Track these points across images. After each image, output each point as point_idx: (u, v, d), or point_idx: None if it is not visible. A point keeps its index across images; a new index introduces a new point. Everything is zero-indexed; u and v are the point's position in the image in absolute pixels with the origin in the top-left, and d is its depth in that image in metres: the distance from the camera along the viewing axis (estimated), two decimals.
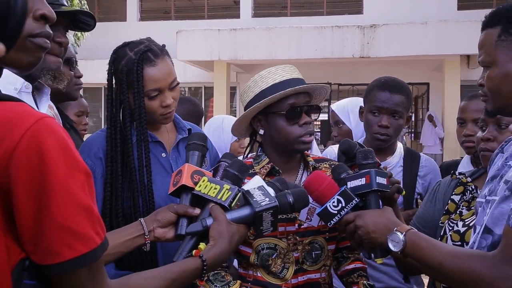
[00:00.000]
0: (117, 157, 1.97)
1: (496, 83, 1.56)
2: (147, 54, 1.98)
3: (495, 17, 1.59)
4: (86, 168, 1.01)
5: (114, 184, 1.96)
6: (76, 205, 0.97)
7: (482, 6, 14.63)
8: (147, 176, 1.98)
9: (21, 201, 0.93)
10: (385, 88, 2.57)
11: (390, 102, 2.55)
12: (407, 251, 1.60)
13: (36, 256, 0.96)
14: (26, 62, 1.11)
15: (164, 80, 1.99)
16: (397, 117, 2.57)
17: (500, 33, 1.55)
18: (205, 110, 17.25)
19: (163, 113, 2.02)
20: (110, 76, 2.04)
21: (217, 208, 1.54)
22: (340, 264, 2.13)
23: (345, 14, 16.21)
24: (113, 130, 2.00)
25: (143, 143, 1.99)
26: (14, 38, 1.00)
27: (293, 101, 1.99)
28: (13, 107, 0.98)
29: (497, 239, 1.47)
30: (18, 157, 0.92)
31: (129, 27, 16.67)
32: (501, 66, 1.55)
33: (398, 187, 1.97)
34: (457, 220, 1.99)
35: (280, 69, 2.05)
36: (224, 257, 1.49)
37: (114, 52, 2.04)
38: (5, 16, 0.96)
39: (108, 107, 2.04)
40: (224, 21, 16.34)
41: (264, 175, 2.01)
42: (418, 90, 16.74)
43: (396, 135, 2.64)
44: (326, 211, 1.75)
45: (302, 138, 2.00)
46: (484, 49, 1.60)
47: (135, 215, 1.94)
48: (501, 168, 1.62)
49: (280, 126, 2.00)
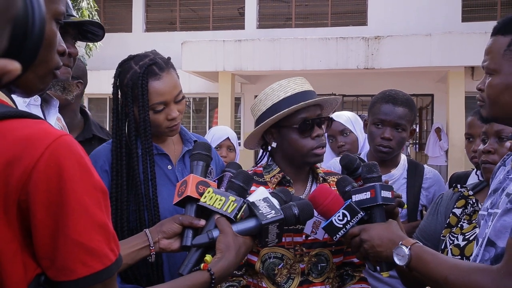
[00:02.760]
0: (123, 170, 1.97)
1: (497, 92, 1.55)
2: (152, 67, 1.97)
3: (508, 26, 1.56)
4: (103, 186, 1.03)
5: (120, 197, 1.95)
6: (92, 222, 0.98)
7: (486, 18, 14.67)
8: (153, 190, 1.97)
9: (39, 219, 0.94)
10: (388, 100, 2.58)
11: (393, 114, 2.55)
12: (412, 265, 1.60)
13: (52, 272, 0.97)
14: (39, 89, 1.15)
15: (169, 93, 1.99)
16: (400, 130, 2.57)
17: (510, 42, 1.53)
18: (209, 120, 17.29)
19: (169, 126, 2.01)
20: (115, 89, 2.05)
21: (223, 220, 1.55)
22: (345, 282, 2.11)
23: (349, 26, 16.24)
24: (118, 143, 2.00)
25: (148, 157, 1.99)
26: (30, 60, 1.01)
27: (305, 115, 2.00)
28: (32, 125, 0.99)
29: (500, 252, 1.48)
30: (37, 175, 0.93)
31: (134, 38, 16.76)
32: (505, 76, 1.53)
33: (399, 201, 1.97)
34: (457, 233, 1.99)
35: (291, 82, 2.05)
36: (231, 269, 1.50)
37: (119, 65, 2.05)
38: (23, 38, 0.98)
39: (114, 120, 2.04)
40: (229, 32, 16.40)
41: (274, 184, 2.03)
42: (423, 102, 16.73)
43: (399, 148, 2.64)
44: (331, 225, 1.76)
45: (314, 150, 2.00)
46: (490, 55, 1.58)
47: (141, 228, 1.92)
48: (503, 181, 1.62)
49: (293, 139, 2.01)
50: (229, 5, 17.74)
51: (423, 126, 17.65)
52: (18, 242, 0.95)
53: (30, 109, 1.97)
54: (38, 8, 0.99)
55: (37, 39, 0.99)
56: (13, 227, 0.95)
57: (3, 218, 0.93)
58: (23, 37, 0.98)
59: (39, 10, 0.99)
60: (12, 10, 0.94)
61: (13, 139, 0.95)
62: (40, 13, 0.99)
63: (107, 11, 18.31)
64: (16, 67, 0.87)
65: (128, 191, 1.97)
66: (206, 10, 17.86)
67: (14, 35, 0.96)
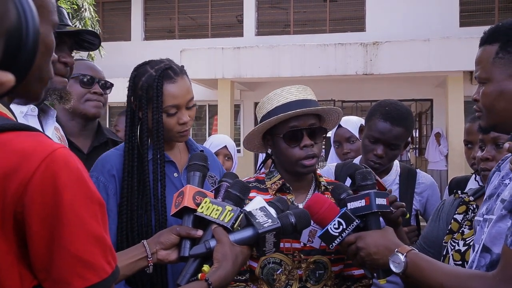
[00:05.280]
0: (134, 172, 2.00)
1: (491, 99, 1.58)
2: (168, 71, 2.02)
3: (494, 34, 1.60)
4: (100, 198, 1.03)
5: (130, 199, 1.98)
6: (88, 235, 0.99)
7: (484, 23, 14.63)
8: (161, 190, 2.00)
9: (35, 230, 0.95)
10: (386, 118, 2.50)
11: (389, 134, 2.49)
12: (408, 272, 1.61)
13: (48, 284, 0.98)
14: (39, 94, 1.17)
15: (182, 97, 2.03)
16: (394, 148, 2.53)
17: (498, 50, 1.56)
18: (209, 128, 17.28)
19: (180, 131, 2.05)
20: (130, 92, 2.08)
21: (220, 230, 1.56)
22: None
23: (348, 32, 16.26)
24: (130, 146, 2.03)
25: (159, 156, 2.02)
26: (25, 72, 1.02)
27: (294, 124, 2.00)
28: (28, 137, 1.00)
29: (496, 258, 1.48)
30: (33, 188, 0.94)
31: (133, 47, 16.79)
32: (497, 83, 1.56)
33: (402, 211, 1.98)
34: (458, 239, 2.00)
35: (285, 91, 2.05)
36: (229, 279, 1.51)
37: (134, 69, 2.09)
38: (17, 50, 0.99)
39: (127, 123, 2.07)
40: (228, 40, 16.42)
41: (274, 191, 2.04)
42: (422, 107, 16.73)
43: (390, 163, 2.63)
44: (327, 233, 1.77)
45: (302, 161, 2.00)
46: (481, 65, 1.61)
47: (148, 229, 1.95)
48: (497, 187, 1.63)
49: (282, 148, 2.03)
50: (228, 12, 17.78)
51: (422, 131, 17.64)
52: (15, 254, 0.96)
53: (27, 119, 1.98)
54: (32, 20, 1.00)
55: (31, 50, 1.00)
56: (10, 239, 0.96)
57: (0, 230, 0.94)
58: (17, 48, 0.99)
59: (33, 22, 1.00)
60: (5, 23, 0.94)
61: (10, 152, 0.96)
62: (34, 25, 1.00)
63: (106, 20, 18.34)
64: (9, 79, 0.88)
65: (138, 193, 1.99)
66: (205, 18, 17.90)
67: (8, 47, 0.97)
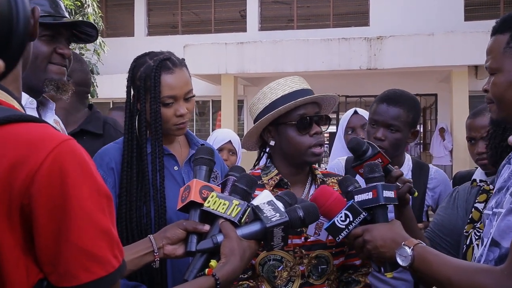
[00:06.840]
0: (133, 163, 2.00)
1: (501, 90, 1.57)
2: (166, 62, 2.02)
3: (505, 24, 1.58)
4: (107, 191, 1.02)
5: (129, 191, 1.98)
6: (96, 228, 0.98)
7: (489, 17, 14.59)
8: (160, 181, 1.99)
9: (41, 223, 0.94)
10: (384, 100, 2.52)
11: (385, 115, 2.48)
12: (415, 266, 1.59)
13: (54, 277, 0.97)
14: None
15: (180, 88, 2.02)
16: (394, 131, 2.48)
17: (509, 40, 1.55)
18: (212, 123, 17.29)
19: (176, 123, 2.03)
20: (129, 83, 2.09)
21: (227, 225, 1.54)
22: (350, 287, 2.08)
23: (351, 27, 16.23)
24: (129, 137, 2.03)
25: (157, 148, 2.01)
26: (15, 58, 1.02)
27: (303, 112, 2.01)
28: (36, 129, 0.99)
29: (505, 252, 1.47)
30: (40, 179, 0.94)
31: (137, 42, 16.76)
32: (507, 73, 1.55)
33: (409, 186, 1.95)
34: (482, 229, 1.97)
35: (289, 80, 2.07)
36: (236, 274, 1.49)
37: (134, 60, 2.09)
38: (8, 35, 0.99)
39: (126, 115, 2.07)
40: (231, 35, 16.40)
41: (272, 187, 2.02)
42: (426, 101, 16.69)
43: (395, 149, 2.51)
44: (334, 225, 1.75)
45: (312, 149, 2.00)
46: (492, 55, 1.60)
47: (147, 222, 1.95)
48: (507, 180, 1.61)
49: (291, 136, 2.02)
50: (231, 7, 17.76)
51: (427, 126, 17.61)
52: (21, 247, 0.96)
53: (26, 112, 1.96)
54: (22, 6, 1.00)
55: (21, 36, 1.00)
56: (16, 232, 0.95)
57: (6, 223, 0.94)
58: (8, 34, 0.99)
59: (23, 7, 1.00)
60: None
61: (17, 143, 0.96)
62: (24, 11, 1.00)
63: (109, 16, 18.34)
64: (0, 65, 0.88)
65: (137, 183, 1.99)
66: (208, 13, 17.88)
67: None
